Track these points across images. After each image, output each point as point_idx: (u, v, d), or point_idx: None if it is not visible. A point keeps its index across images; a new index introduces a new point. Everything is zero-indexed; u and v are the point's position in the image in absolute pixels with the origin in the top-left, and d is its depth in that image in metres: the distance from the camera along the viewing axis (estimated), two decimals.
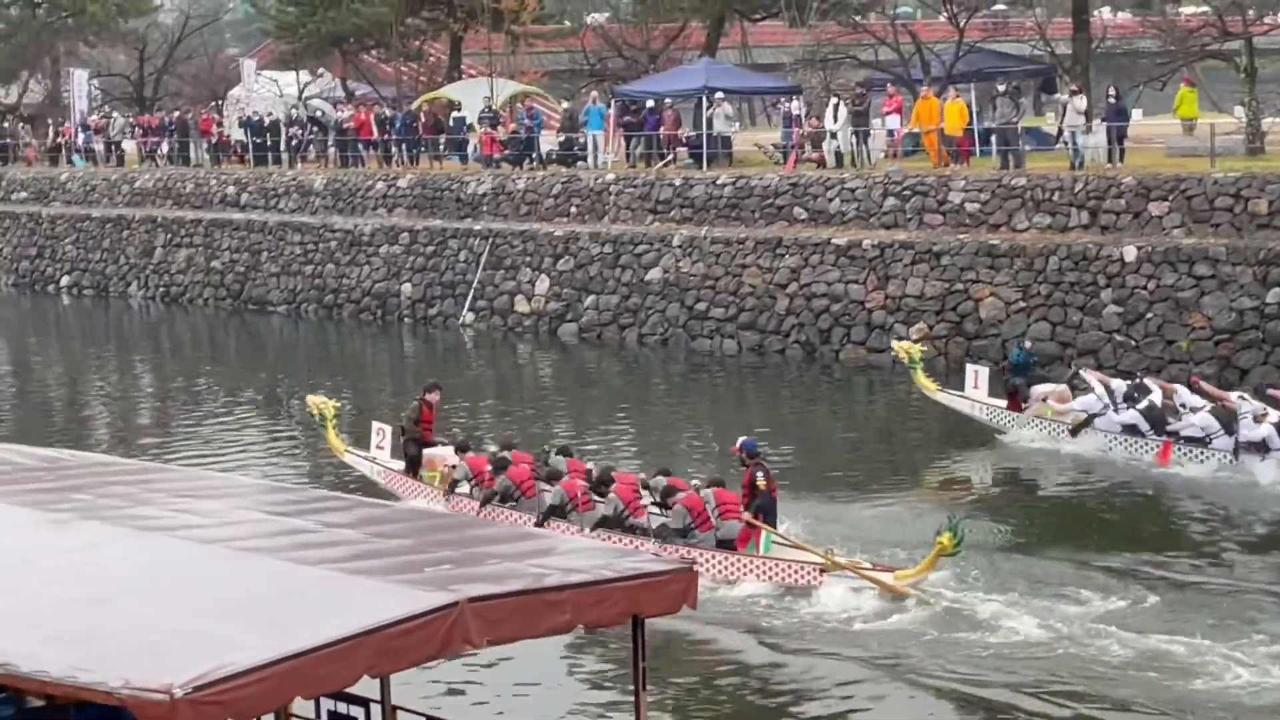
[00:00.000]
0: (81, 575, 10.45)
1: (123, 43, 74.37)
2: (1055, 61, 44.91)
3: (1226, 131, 37.82)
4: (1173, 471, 24.88)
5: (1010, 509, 24.21)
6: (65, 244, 55.52)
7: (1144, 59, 47.46)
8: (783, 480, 23.22)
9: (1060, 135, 39.29)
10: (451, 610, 8.98)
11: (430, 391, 25.78)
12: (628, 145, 45.09)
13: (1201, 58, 45.39)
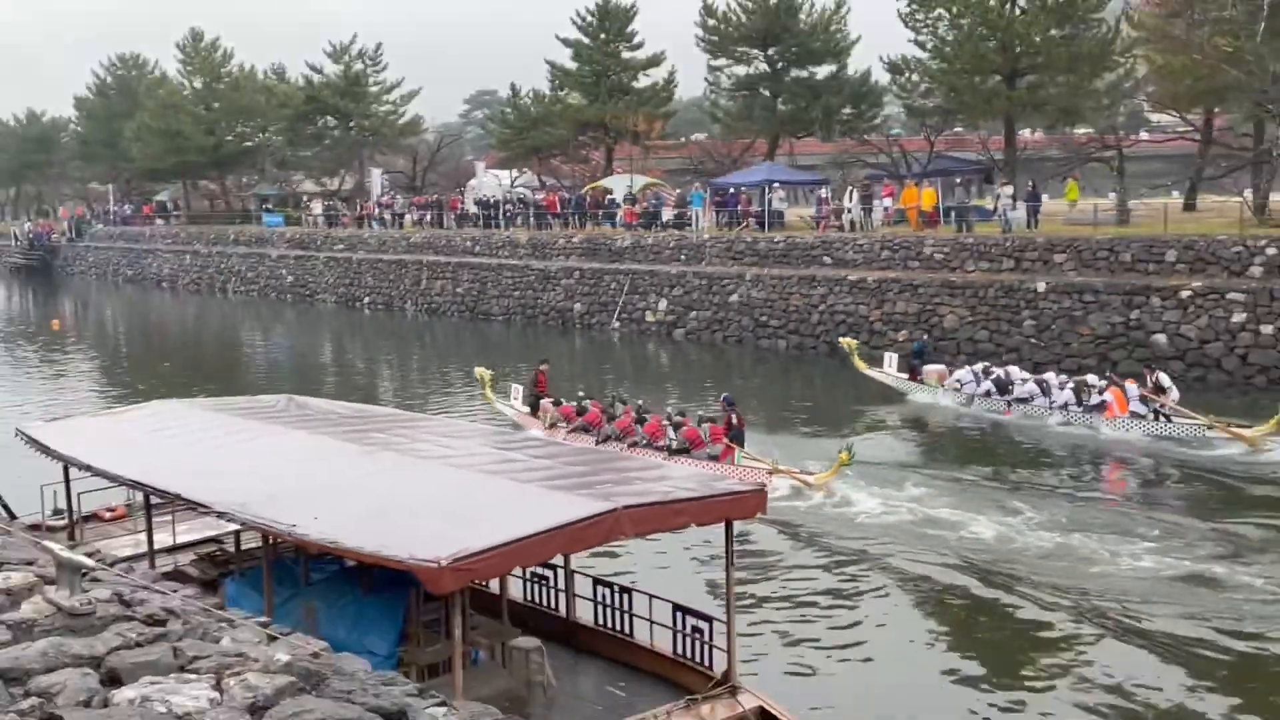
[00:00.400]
0: (381, 486, 10.49)
1: (402, 152, 75.12)
2: (993, 163, 44.12)
3: (1104, 209, 37.16)
4: (1011, 420, 25.69)
5: (909, 442, 24.85)
6: (366, 277, 56.04)
7: (1050, 162, 46.60)
8: (765, 419, 26.10)
9: (995, 211, 38.62)
10: (612, 513, 8.96)
11: (543, 364, 26.94)
12: (717, 216, 44.81)
13: (1087, 161, 44.49)
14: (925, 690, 12.51)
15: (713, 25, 52.52)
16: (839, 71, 51.56)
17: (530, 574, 12.22)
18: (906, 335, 33.68)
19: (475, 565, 8.31)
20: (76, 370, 41.72)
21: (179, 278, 70.65)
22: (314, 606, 10.94)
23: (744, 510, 10.03)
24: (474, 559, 8.24)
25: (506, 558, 8.67)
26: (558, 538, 8.84)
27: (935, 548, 16.93)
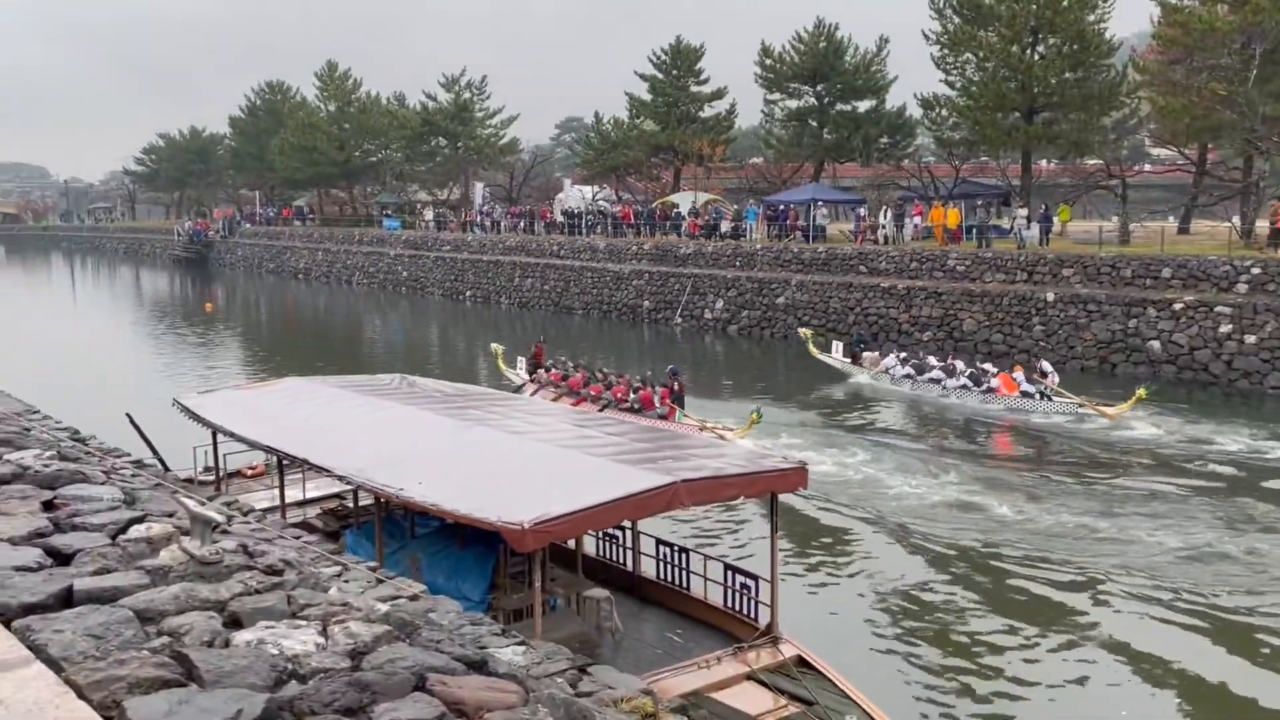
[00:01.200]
0: (474, 456, 10.44)
1: (501, 169, 75.36)
2: (1010, 189, 43.19)
3: (1108, 230, 36.21)
4: (923, 395, 26.90)
5: (853, 412, 26.01)
6: (468, 274, 56.29)
7: (1062, 188, 45.59)
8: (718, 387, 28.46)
9: (1011, 229, 37.85)
10: (672, 486, 8.81)
11: (541, 342, 29.27)
12: (768, 229, 44.36)
13: (1095, 189, 43.46)
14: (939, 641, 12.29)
15: (769, 64, 51.94)
16: (878, 106, 50.72)
17: (602, 534, 12.13)
18: (931, 336, 33.15)
19: (553, 528, 8.24)
20: (224, 346, 42.41)
21: (312, 271, 71.55)
22: (418, 556, 10.94)
23: (787, 485, 9.85)
24: (552, 522, 8.17)
25: (580, 522, 8.59)
26: (624, 506, 8.74)
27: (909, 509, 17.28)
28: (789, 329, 37.82)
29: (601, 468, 9.51)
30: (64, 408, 15.02)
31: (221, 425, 12.54)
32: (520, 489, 9.10)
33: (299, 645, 2.59)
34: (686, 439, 12.21)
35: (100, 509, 3.88)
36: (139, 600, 2.87)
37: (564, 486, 9.04)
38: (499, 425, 11.71)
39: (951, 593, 13.99)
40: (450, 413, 12.52)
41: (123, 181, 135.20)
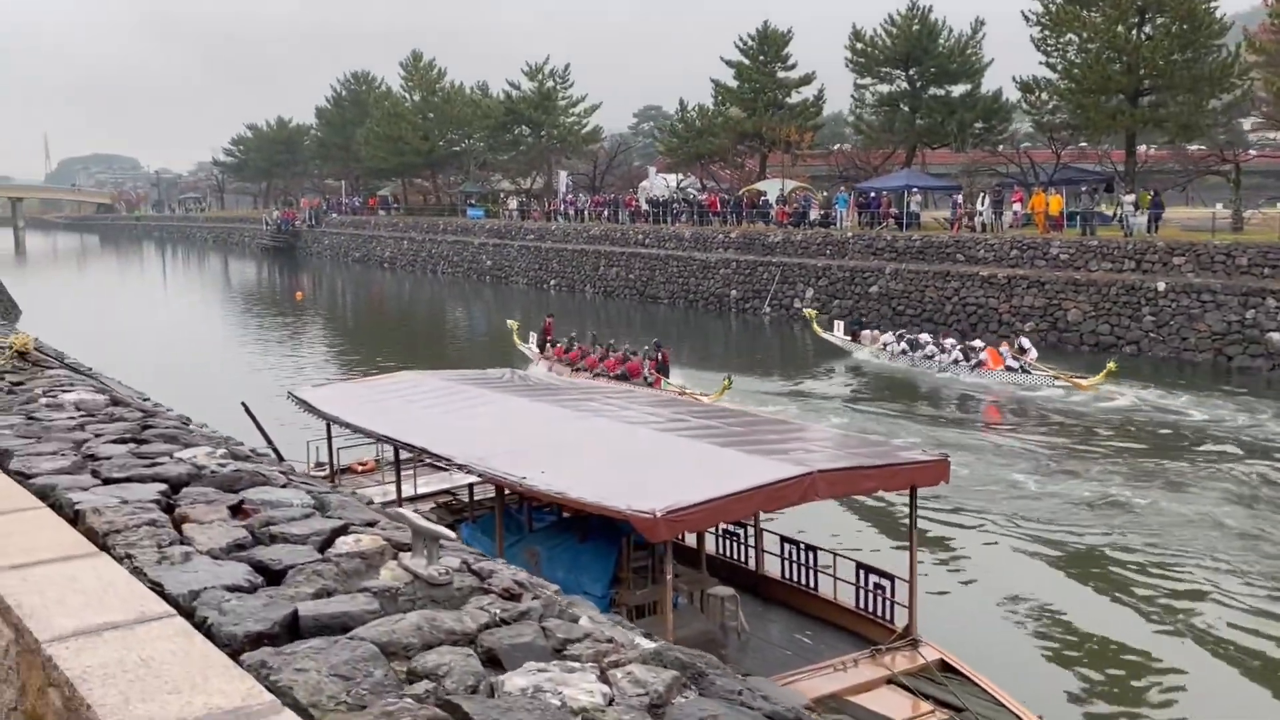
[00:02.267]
0: (596, 446, 10.21)
1: (584, 157, 75.35)
2: (1114, 174, 41.84)
3: (1221, 217, 34.85)
4: (918, 370, 28.61)
5: (847, 383, 28.28)
6: (553, 263, 56.35)
7: (1169, 174, 44.09)
8: None
9: (1114, 216, 36.68)
10: (808, 476, 8.45)
11: (549, 317, 31.59)
12: (859, 217, 43.61)
13: (1205, 174, 41.92)
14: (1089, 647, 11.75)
15: (860, 49, 51.03)
16: (973, 90, 49.54)
17: (722, 530, 11.84)
18: (1033, 326, 32.23)
19: (685, 518, 7.96)
20: (319, 336, 43.00)
21: (397, 260, 72.35)
22: (536, 550, 10.76)
23: (928, 478, 9.42)
24: (685, 512, 7.89)
25: (713, 512, 8.29)
26: (757, 496, 8.41)
27: None
28: (882, 319, 37.10)
29: (731, 458, 9.20)
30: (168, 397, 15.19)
31: (338, 417, 12.49)
32: (646, 478, 8.85)
33: (584, 696, 2.28)
34: (815, 429, 11.83)
35: (294, 516, 3.64)
36: (377, 631, 2.61)
37: (692, 476, 8.76)
38: (616, 415, 11.47)
39: (1094, 591, 13.37)
40: (565, 403, 12.34)
41: (211, 172, 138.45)
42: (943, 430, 22.10)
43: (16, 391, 5.41)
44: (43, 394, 5.37)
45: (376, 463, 16.08)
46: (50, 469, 3.89)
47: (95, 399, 5.24)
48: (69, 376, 5.78)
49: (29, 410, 4.90)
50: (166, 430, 4.57)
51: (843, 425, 20.66)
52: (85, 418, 4.88)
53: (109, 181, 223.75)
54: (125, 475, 3.81)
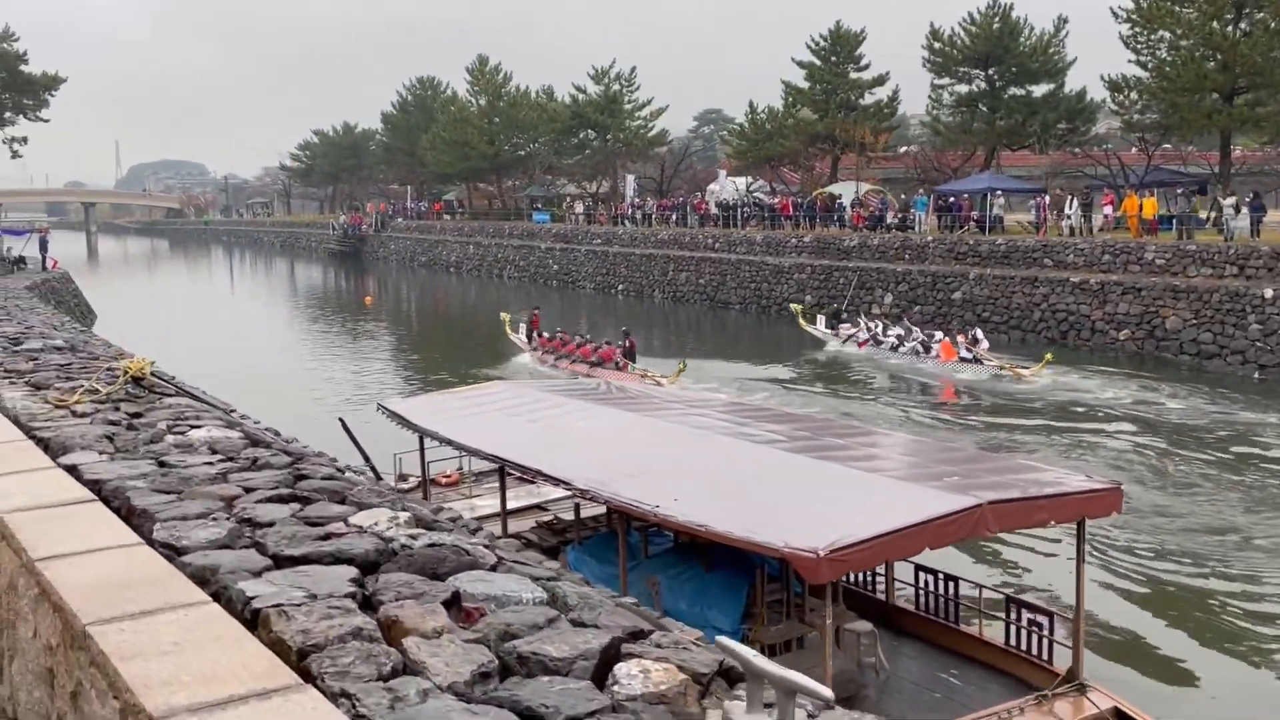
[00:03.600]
0: (724, 468, 9.48)
1: (651, 160, 74.77)
2: (1211, 175, 40.29)
3: None
4: (881, 358, 31.17)
5: (822, 368, 30.97)
6: (620, 267, 55.77)
7: (1267, 176, 42.42)
8: None
9: (1209, 219, 35.22)
10: (977, 509, 7.63)
11: (535, 310, 34.90)
12: (939, 220, 42.46)
13: None
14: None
15: (938, 48, 49.88)
16: (1056, 89, 48.14)
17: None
18: (1129, 334, 30.98)
19: (850, 556, 7.19)
20: (388, 341, 42.79)
21: (463, 264, 72.29)
22: (656, 579, 10.05)
23: (1100, 508, 8.57)
24: (850, 550, 7.12)
25: (880, 550, 7.50)
26: (925, 532, 7.60)
27: None
28: (966, 325, 35.99)
29: (886, 485, 8.42)
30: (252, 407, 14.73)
31: (437, 432, 11.92)
32: (796, 508, 8.11)
33: None
34: (945, 452, 10.96)
35: (534, 621, 2.84)
36: None
37: (842, 506, 8.01)
38: (736, 433, 10.75)
39: None
40: (676, 419, 11.63)
41: (277, 177, 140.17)
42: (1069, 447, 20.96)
43: (137, 427, 4.80)
44: (168, 430, 4.73)
45: (460, 475, 15.54)
46: (204, 540, 3.21)
47: (228, 436, 4.62)
48: (190, 406, 5.12)
49: (157, 453, 4.26)
50: (327, 483, 3.89)
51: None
52: (225, 463, 4.24)
53: (177, 187, 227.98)
54: (300, 552, 3.12)
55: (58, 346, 7.54)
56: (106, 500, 3.43)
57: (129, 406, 5.12)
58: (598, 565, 11.01)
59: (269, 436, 4.51)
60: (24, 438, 4.40)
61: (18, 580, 2.94)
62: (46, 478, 3.73)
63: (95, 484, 3.60)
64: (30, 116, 64.52)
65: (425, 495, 13.51)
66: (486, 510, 14.25)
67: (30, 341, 7.95)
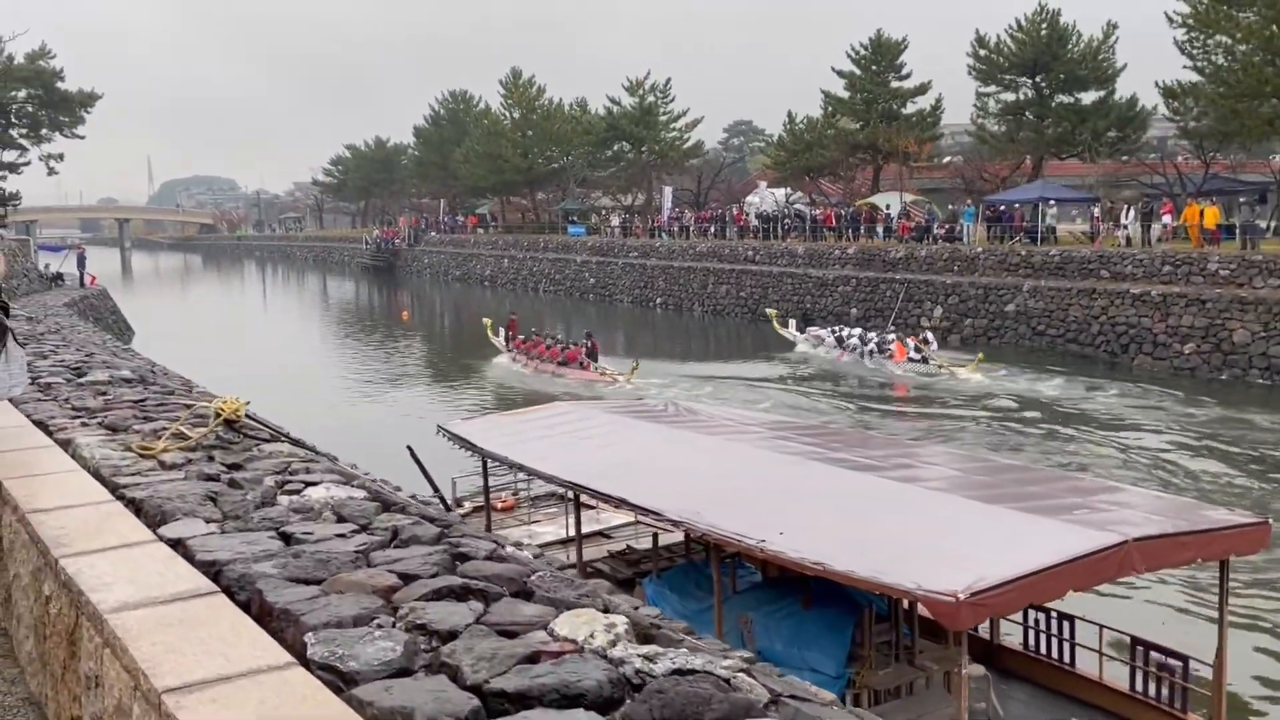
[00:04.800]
0: (826, 497, 8.83)
1: (687, 172, 74.26)
2: (1274, 182, 39.26)
3: None
4: (845, 359, 33.62)
5: (789, 366, 33.94)
6: (658, 281, 55.29)
7: None
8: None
9: (1269, 228, 34.19)
10: (1122, 547, 6.96)
11: (512, 316, 38.40)
12: (988, 231, 41.63)
13: None
14: None
15: (984, 55, 49.09)
16: (1106, 97, 47.20)
17: None
18: (1194, 348, 30.06)
19: (992, 600, 6.51)
20: (428, 357, 42.40)
21: (498, 278, 71.99)
22: (748, 617, 9.42)
23: (1247, 545, 7.84)
24: (992, 594, 6.44)
25: (1022, 593, 6.78)
26: (1069, 572, 6.88)
27: None
28: (1020, 339, 35.20)
29: (1011, 518, 7.73)
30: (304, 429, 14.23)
31: (507, 457, 11.36)
32: (913, 542, 7.45)
33: None
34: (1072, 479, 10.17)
35: None
36: None
37: (975, 541, 7.33)
38: (830, 458, 10.11)
39: None
40: (760, 444, 11.01)
41: (309, 192, 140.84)
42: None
43: (241, 484, 4.05)
44: (278, 488, 4.04)
45: (516, 498, 15.01)
46: (376, 662, 2.41)
47: (352, 497, 3.87)
48: (292, 453, 4.42)
49: (275, 520, 3.58)
50: (497, 567, 3.11)
51: None
52: (359, 534, 3.46)
53: (208, 202, 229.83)
54: (512, 686, 2.29)
55: (126, 378, 6.80)
56: (230, 592, 2.84)
57: (224, 455, 4.49)
58: (679, 600, 10.41)
59: (401, 497, 3.81)
60: (111, 497, 3.80)
61: (131, 707, 2.33)
62: (149, 556, 3.10)
63: (211, 567, 3.01)
64: (66, 134, 64.90)
65: (488, 523, 12.98)
66: (548, 537, 13.70)
67: (94, 371, 7.26)
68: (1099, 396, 27.64)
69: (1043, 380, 29.50)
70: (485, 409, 27.06)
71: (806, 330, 37.22)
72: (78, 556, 3.00)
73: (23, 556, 3.52)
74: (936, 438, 21.82)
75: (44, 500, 3.68)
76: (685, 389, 28.25)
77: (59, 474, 4.09)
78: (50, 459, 4.37)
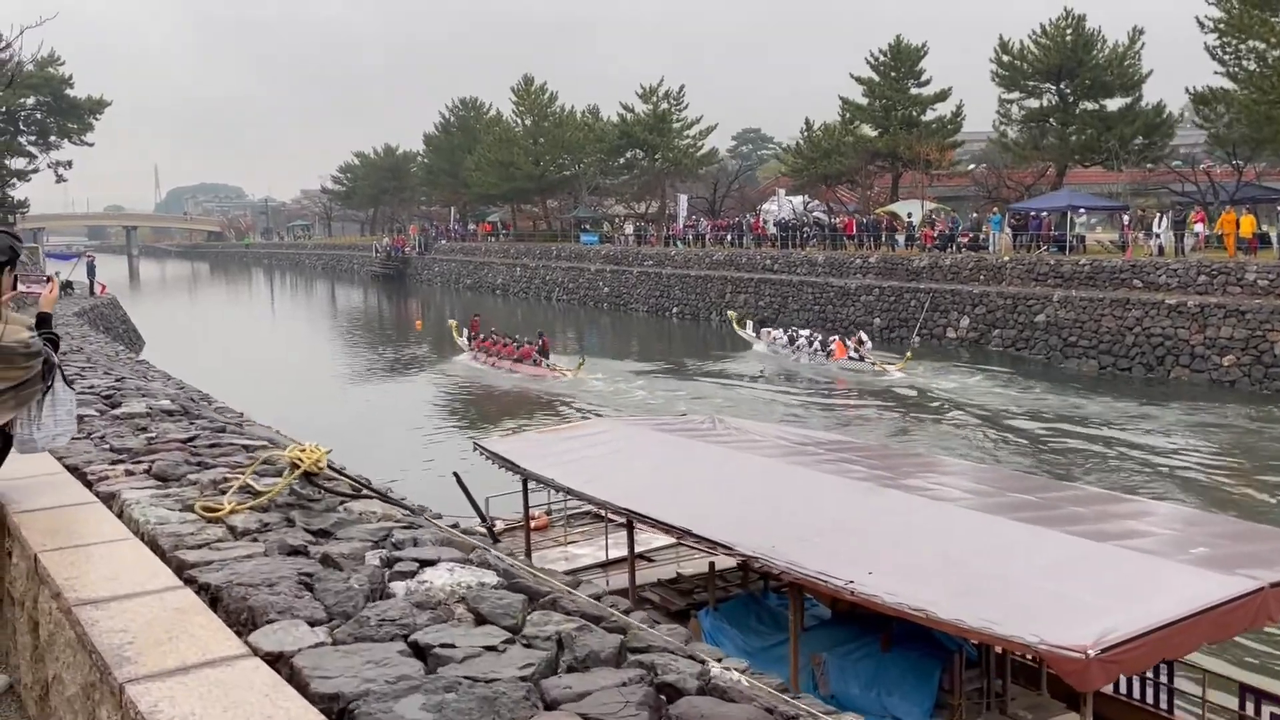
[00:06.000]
0: (910, 531, 8.14)
1: (702, 180, 73.71)
2: None
3: None
4: (794, 357, 36.06)
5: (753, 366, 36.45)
6: (675, 290, 54.70)
7: None
8: None
9: None
10: (1259, 593, 6.27)
11: (475, 316, 40.99)
12: (1014, 239, 40.95)
13: None
14: None
15: (1007, 61, 48.44)
16: (1132, 103, 46.51)
17: None
18: (1233, 360, 29.36)
19: (1124, 657, 5.78)
20: (447, 367, 41.75)
21: (510, 286, 71.43)
22: (821, 656, 8.76)
23: None
24: (1124, 649, 5.72)
25: (1156, 648, 6.04)
26: (1204, 623, 6.14)
27: None
28: (1050, 350, 34.50)
29: (1141, 565, 7.00)
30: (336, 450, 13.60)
31: (553, 479, 10.72)
32: (1021, 586, 6.74)
33: None
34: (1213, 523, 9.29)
35: None
36: None
37: (1094, 587, 6.60)
38: (906, 485, 9.45)
39: None
40: (826, 468, 10.34)
41: (317, 199, 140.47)
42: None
43: (338, 560, 3.14)
44: (386, 567, 3.17)
45: (549, 517, 14.35)
46: None
47: (484, 583, 3.01)
48: (385, 513, 3.57)
49: (396, 620, 2.74)
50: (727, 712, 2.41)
51: None
52: (519, 649, 2.66)
53: (215, 210, 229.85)
54: None
55: (167, 409, 5.95)
56: None
57: (304, 517, 3.66)
58: (740, 635, 9.74)
59: (549, 583, 3.03)
60: (177, 581, 2.97)
61: None
62: (245, 682, 2.31)
63: (334, 702, 2.27)
64: (75, 141, 64.62)
65: (528, 546, 12.34)
66: (585, 559, 13.06)
67: (129, 400, 6.41)
68: (1142, 410, 27.00)
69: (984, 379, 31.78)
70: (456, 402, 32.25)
71: (761, 331, 39.77)
72: (150, 682, 2.28)
73: (68, 659, 2.78)
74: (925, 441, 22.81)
75: (94, 584, 2.93)
76: (624, 383, 32.51)
77: (108, 544, 3.35)
78: (95, 521, 3.66)
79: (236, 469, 4.20)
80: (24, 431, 3.94)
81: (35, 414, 3.89)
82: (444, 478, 14.11)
